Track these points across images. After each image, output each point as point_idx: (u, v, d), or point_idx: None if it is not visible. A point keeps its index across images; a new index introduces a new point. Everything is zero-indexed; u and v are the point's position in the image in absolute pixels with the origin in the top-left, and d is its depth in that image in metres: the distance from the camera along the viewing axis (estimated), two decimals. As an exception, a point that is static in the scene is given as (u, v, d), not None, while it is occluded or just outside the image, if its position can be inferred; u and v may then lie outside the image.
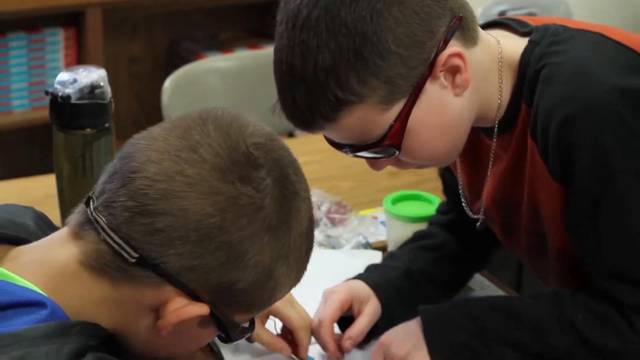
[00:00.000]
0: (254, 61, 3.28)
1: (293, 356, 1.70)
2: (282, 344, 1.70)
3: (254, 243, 1.18)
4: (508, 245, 1.80)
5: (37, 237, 1.28)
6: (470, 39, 1.50)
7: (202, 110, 1.23)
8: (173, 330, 1.21)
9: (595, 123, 1.47)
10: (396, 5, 1.41)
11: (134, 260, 1.17)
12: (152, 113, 4.02)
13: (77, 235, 1.21)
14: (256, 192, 1.18)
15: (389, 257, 1.91)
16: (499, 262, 2.02)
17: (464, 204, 1.78)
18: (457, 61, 1.46)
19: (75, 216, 1.22)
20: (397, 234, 2.02)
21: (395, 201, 2.05)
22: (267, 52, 3.67)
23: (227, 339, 1.27)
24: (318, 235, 2.13)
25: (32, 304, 1.14)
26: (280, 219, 1.20)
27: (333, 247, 2.11)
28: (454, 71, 1.47)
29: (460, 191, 1.79)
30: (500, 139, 1.61)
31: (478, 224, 1.76)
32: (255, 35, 4.22)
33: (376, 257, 2.04)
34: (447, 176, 1.88)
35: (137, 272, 1.17)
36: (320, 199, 2.17)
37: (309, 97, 1.43)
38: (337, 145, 1.53)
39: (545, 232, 1.63)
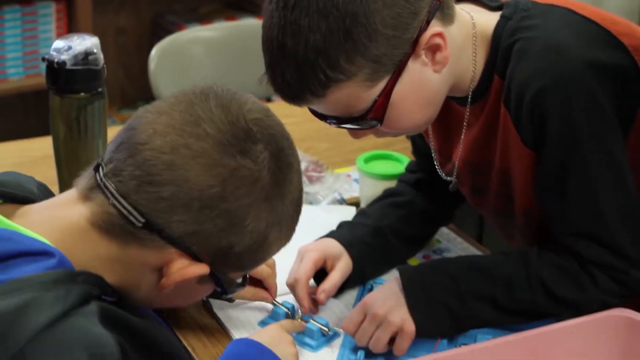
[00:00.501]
0: (233, 31, 3.30)
1: (275, 301, 1.70)
2: (264, 293, 1.70)
3: (252, 211, 1.20)
4: (476, 205, 1.81)
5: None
6: (448, 18, 1.49)
7: (204, 87, 1.24)
8: (174, 287, 1.22)
9: (566, 95, 1.47)
10: None
11: (140, 225, 1.17)
12: (137, 81, 4.01)
13: (86, 197, 1.21)
14: (254, 164, 1.19)
15: (359, 214, 1.90)
16: (462, 216, 2.02)
17: (437, 167, 1.77)
18: (438, 40, 1.45)
19: (83, 180, 1.23)
20: (369, 190, 2.02)
21: (367, 160, 2.04)
22: (243, 23, 3.71)
23: (223, 294, 1.29)
24: (297, 192, 2.12)
25: (41, 253, 1.14)
26: (275, 189, 1.21)
27: (311, 203, 2.10)
28: (434, 49, 1.46)
29: (432, 155, 1.78)
30: (473, 107, 1.60)
31: (450, 185, 1.76)
32: (232, 8, 4.21)
33: (350, 212, 2.03)
34: (417, 139, 1.87)
35: (143, 235, 1.18)
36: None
37: (299, 75, 1.41)
38: (322, 117, 1.52)
39: (513, 194, 1.63)
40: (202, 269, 1.21)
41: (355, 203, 2.09)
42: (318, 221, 1.99)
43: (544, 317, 1.59)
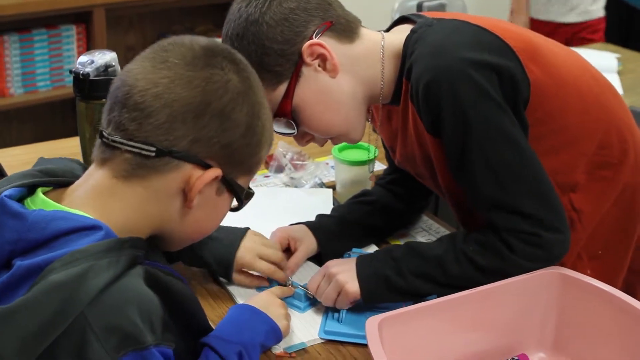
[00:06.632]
0: (225, 47, 3.27)
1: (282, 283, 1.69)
2: (280, 271, 1.69)
3: (234, 107, 1.20)
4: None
5: None
6: (344, 37, 1.53)
7: (155, 43, 1.24)
8: (199, 203, 1.22)
9: (449, 85, 1.44)
10: (269, 13, 1.47)
11: (153, 154, 1.16)
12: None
13: (102, 161, 1.20)
14: (221, 70, 1.20)
15: (332, 210, 1.87)
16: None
17: (394, 162, 1.78)
18: (320, 50, 1.48)
19: (96, 151, 1.21)
20: (342, 174, 2.02)
21: (340, 150, 2.04)
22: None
23: (239, 204, 1.29)
24: (284, 177, 2.13)
25: (90, 227, 1.13)
26: (244, 84, 1.22)
27: (296, 187, 2.10)
28: (323, 58, 1.49)
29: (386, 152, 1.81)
30: (396, 109, 1.61)
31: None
32: (222, 27, 4.15)
33: (328, 193, 2.03)
34: (384, 142, 1.85)
35: (158, 163, 1.17)
36: (285, 150, 2.16)
37: None
38: None
39: (437, 176, 1.62)
40: (215, 171, 1.20)
41: (332, 186, 2.08)
42: (302, 202, 1.99)
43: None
